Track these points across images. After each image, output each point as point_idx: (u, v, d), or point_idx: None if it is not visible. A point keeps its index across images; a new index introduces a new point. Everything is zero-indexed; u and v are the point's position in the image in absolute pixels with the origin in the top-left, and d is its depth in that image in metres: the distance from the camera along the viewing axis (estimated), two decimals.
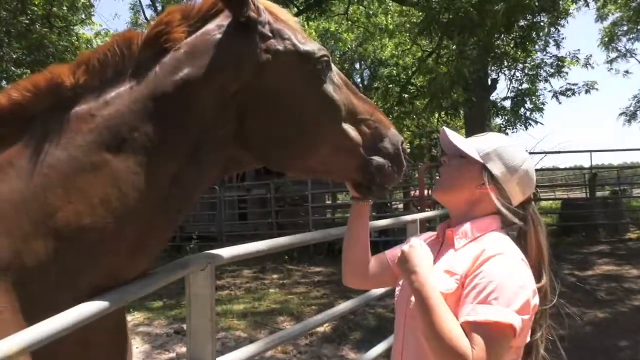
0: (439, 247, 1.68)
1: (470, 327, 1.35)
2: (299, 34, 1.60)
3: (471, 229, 1.60)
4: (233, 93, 1.50)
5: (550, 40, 15.47)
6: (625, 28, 25.22)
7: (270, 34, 1.55)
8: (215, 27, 1.51)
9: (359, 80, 29.10)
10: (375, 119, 1.72)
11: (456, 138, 1.69)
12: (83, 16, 20.08)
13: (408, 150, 1.82)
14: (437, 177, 1.84)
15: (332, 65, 1.66)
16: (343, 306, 3.39)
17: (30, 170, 1.31)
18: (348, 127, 1.64)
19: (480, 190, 1.62)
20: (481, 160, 1.63)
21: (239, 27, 1.51)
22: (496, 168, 1.62)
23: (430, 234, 1.83)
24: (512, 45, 14.09)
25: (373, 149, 1.69)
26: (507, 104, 15.48)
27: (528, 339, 1.51)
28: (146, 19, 24.50)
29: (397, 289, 1.74)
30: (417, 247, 1.57)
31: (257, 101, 1.53)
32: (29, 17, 16.93)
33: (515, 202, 1.66)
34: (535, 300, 1.46)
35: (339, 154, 1.65)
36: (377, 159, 1.68)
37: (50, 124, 1.37)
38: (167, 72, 1.45)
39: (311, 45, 1.59)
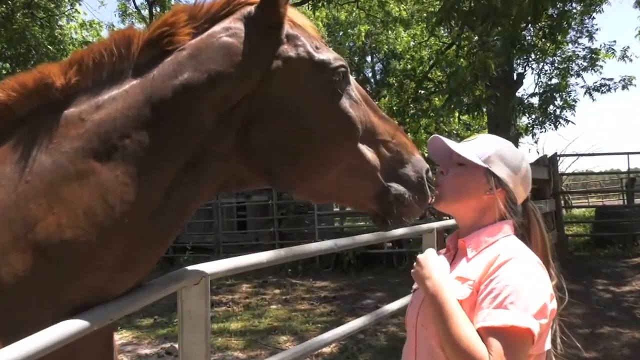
0: (452, 260, 1.75)
1: (487, 333, 1.43)
2: (315, 41, 1.60)
3: (483, 237, 1.67)
4: (238, 101, 1.51)
5: (583, 31, 15.42)
6: None
7: (284, 39, 1.55)
8: (222, 30, 1.51)
9: (370, 74, 29.12)
10: (398, 141, 1.69)
11: (454, 145, 1.74)
12: (69, 6, 20.28)
13: (433, 179, 1.77)
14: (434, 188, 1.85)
15: (351, 78, 1.64)
16: (352, 324, 3.38)
17: (12, 177, 1.32)
18: (365, 148, 1.62)
19: (489, 196, 1.70)
20: (484, 165, 1.69)
21: (249, 30, 1.51)
22: (501, 171, 1.70)
23: (441, 250, 1.91)
24: (540, 36, 14.05)
25: (392, 176, 1.66)
26: (535, 100, 15.46)
27: (548, 346, 1.57)
28: (136, 7, 24.69)
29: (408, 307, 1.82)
30: (432, 254, 1.66)
31: (263, 112, 1.52)
32: (9, 6, 17.12)
33: (520, 201, 1.76)
34: (553, 305, 1.53)
35: (353, 177, 1.62)
36: (397, 187, 1.65)
37: (37, 128, 1.38)
38: (166, 76, 1.45)
39: (327, 54, 1.59)
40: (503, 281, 1.48)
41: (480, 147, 1.74)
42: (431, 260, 1.64)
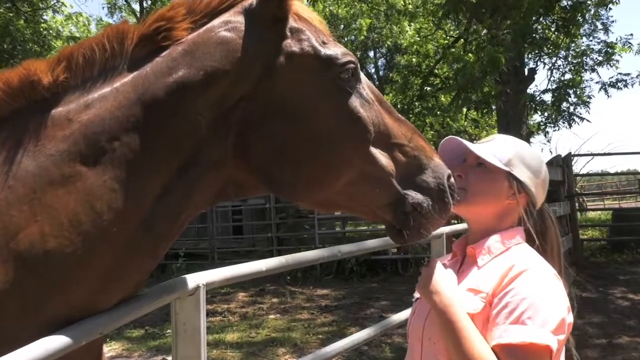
0: (459, 267, 1.74)
1: (503, 351, 1.42)
2: (321, 35, 1.57)
3: (495, 244, 1.66)
4: (236, 101, 1.48)
5: (598, 24, 15.44)
6: None
7: (287, 33, 1.52)
8: (221, 23, 1.49)
9: (373, 70, 29.15)
10: (415, 145, 1.62)
11: (474, 147, 1.73)
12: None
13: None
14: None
15: (362, 75, 1.61)
16: (356, 337, 3.36)
17: None
18: (378, 152, 1.56)
19: (510, 202, 1.69)
20: (506, 168, 1.68)
21: (250, 24, 1.49)
22: (523, 174, 1.70)
23: (445, 257, 1.91)
24: (552, 30, 14.05)
25: (410, 183, 1.58)
26: (548, 97, 15.43)
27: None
28: (126, 0, 24.74)
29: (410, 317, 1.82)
30: (437, 266, 1.64)
31: (264, 113, 1.49)
32: None
33: (539, 205, 1.76)
34: (570, 318, 1.52)
35: (365, 185, 1.56)
36: (414, 195, 1.57)
37: (22, 129, 1.36)
38: (160, 73, 1.43)
39: (335, 49, 1.55)
40: (519, 294, 1.47)
41: (500, 149, 1.72)
42: (438, 274, 1.61)
